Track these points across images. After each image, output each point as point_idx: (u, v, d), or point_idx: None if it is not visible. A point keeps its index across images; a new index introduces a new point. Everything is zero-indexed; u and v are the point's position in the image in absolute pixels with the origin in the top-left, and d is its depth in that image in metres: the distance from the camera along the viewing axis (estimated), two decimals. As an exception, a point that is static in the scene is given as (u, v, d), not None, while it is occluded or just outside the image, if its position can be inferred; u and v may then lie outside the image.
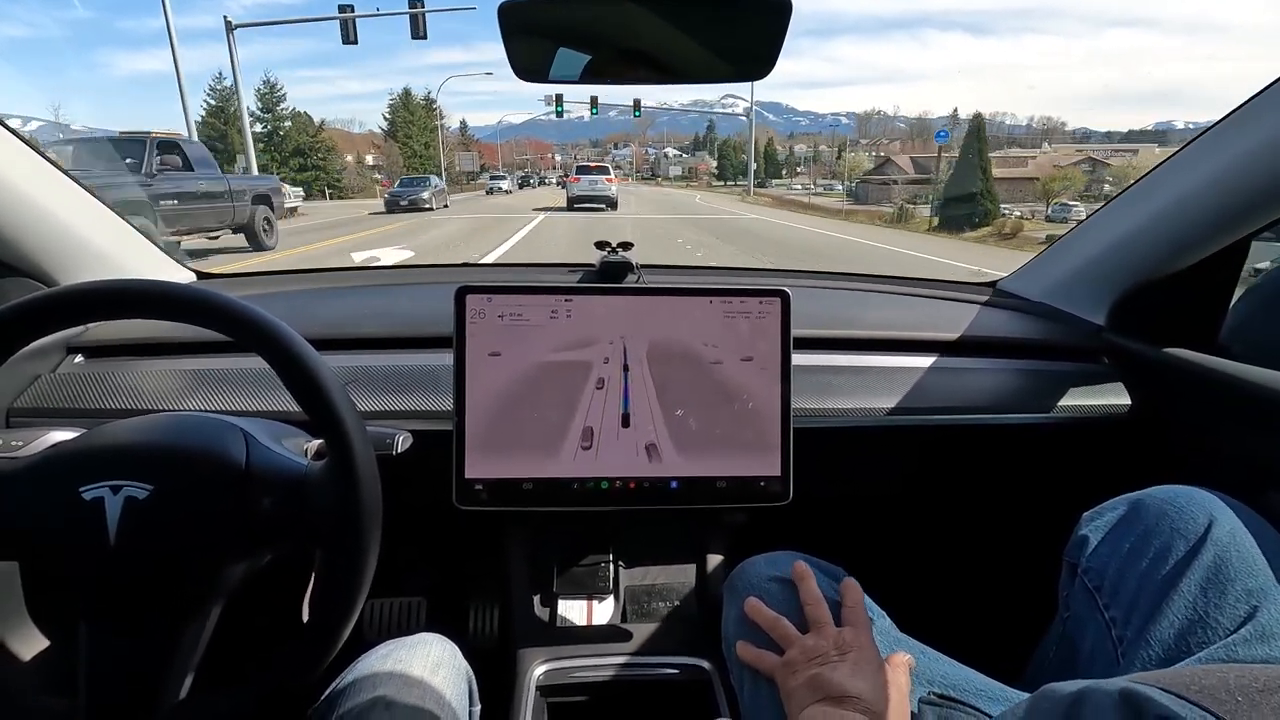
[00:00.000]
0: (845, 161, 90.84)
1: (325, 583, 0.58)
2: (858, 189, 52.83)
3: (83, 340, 0.96)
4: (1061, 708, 0.43)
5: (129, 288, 0.53)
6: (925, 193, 35.39)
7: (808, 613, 0.66)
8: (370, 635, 1.14)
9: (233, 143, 36.64)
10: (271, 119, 45.39)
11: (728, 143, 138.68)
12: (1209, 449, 0.91)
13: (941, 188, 27.29)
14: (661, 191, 61.80)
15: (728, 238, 14.77)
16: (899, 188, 42.12)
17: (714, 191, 77.33)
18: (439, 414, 0.86)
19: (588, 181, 22.79)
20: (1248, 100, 0.77)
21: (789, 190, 74.71)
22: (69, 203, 0.93)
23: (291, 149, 45.05)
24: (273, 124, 45.39)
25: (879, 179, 51.93)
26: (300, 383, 0.54)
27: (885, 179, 50.31)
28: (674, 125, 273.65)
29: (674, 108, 77.04)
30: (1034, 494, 1.10)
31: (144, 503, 0.52)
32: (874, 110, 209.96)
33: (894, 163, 57.96)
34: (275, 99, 45.60)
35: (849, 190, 55.96)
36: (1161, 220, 0.91)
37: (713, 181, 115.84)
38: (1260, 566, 0.58)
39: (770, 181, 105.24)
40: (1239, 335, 0.96)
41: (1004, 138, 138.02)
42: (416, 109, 62.65)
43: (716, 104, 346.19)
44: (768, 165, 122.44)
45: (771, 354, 0.82)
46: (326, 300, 1.20)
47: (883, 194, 44.29)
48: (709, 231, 16.38)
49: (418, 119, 61.84)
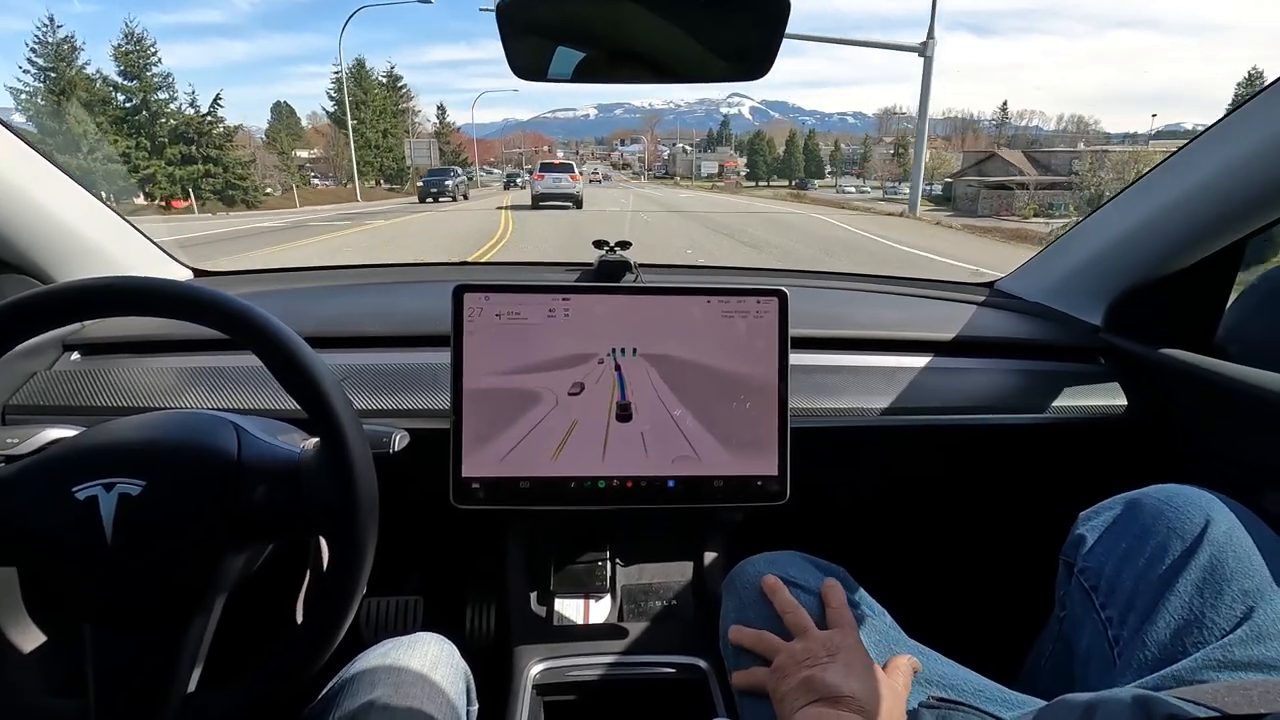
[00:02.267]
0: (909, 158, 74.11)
1: (321, 579, 0.58)
2: (956, 193, 41.43)
3: (79, 337, 0.95)
4: (1076, 713, 0.44)
5: (126, 285, 0.53)
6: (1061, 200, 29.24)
7: (787, 621, 0.66)
8: (367, 634, 1.14)
9: (72, 124, 25.97)
10: (139, 88, 30.27)
11: (760, 136, 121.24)
12: (1205, 449, 0.91)
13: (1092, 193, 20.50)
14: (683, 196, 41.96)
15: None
16: (1029, 193, 33.39)
17: (749, 194, 61.82)
18: (436, 413, 0.86)
19: (552, 179, 21.89)
20: (1243, 103, 0.77)
21: (840, 192, 67.24)
22: (65, 199, 0.92)
23: (170, 132, 30.36)
24: (140, 95, 30.29)
25: (991, 181, 37.97)
26: (295, 379, 0.54)
27: (1004, 180, 37.23)
28: (680, 122, 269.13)
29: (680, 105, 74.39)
30: (1031, 494, 1.10)
31: (138, 499, 0.52)
32: (894, 107, 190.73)
33: (1001, 158, 41.08)
34: (143, 62, 30.44)
35: (937, 196, 46.17)
36: (1158, 222, 0.91)
37: (742, 181, 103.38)
38: (1257, 567, 0.58)
39: (812, 183, 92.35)
40: (1235, 336, 0.96)
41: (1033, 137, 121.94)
42: (373, 87, 46.73)
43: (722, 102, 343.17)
44: (807, 163, 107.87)
45: (769, 354, 0.82)
46: (324, 298, 1.20)
47: (1000, 202, 35.10)
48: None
49: (374, 101, 46.24)
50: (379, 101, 47.10)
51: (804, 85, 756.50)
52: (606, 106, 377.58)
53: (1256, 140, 0.75)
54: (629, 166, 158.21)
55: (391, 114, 48.30)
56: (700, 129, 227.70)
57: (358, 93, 45.65)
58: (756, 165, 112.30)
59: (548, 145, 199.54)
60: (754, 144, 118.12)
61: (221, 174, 31.07)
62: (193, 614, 0.54)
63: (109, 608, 0.53)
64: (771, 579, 0.70)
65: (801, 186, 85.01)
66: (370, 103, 46.23)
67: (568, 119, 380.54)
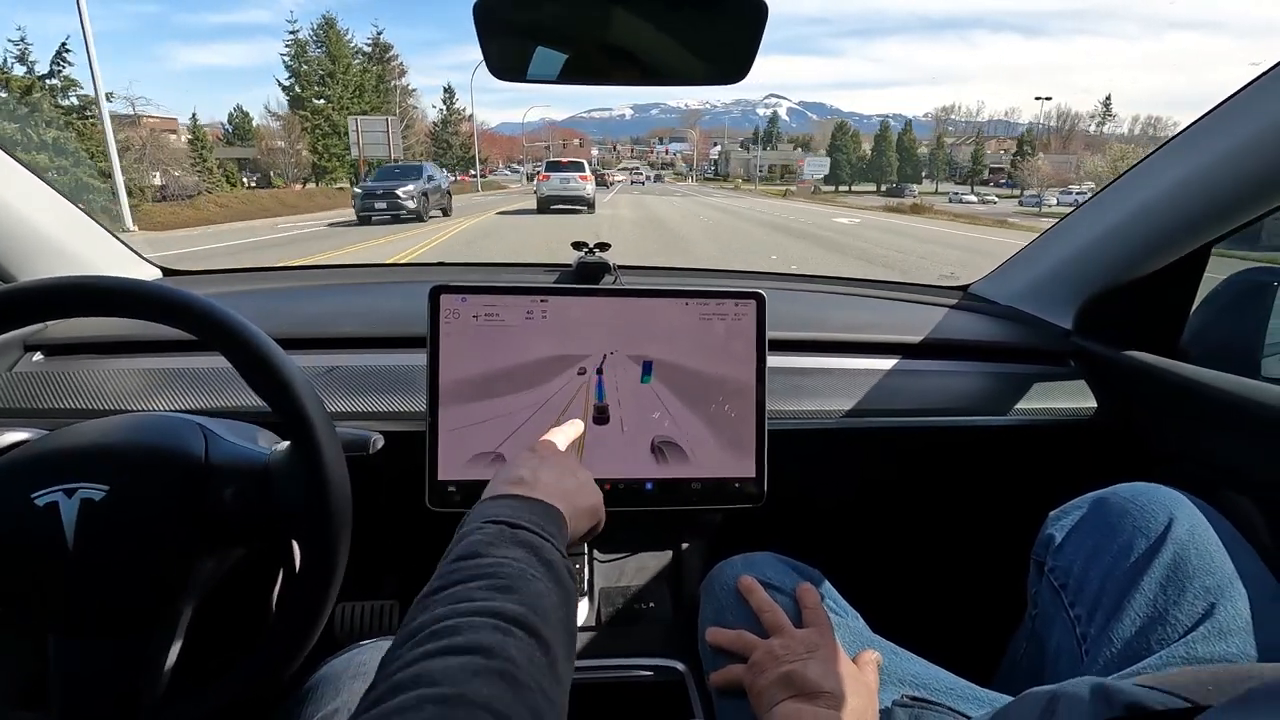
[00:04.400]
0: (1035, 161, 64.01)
1: (293, 584, 0.57)
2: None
3: (42, 338, 0.93)
4: (1039, 706, 0.45)
5: (91, 284, 0.52)
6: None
7: (764, 620, 0.66)
8: (342, 638, 1.12)
9: None
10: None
11: (844, 129, 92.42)
12: (1171, 450, 0.93)
13: None
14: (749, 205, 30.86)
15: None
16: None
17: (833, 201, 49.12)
18: (412, 415, 0.85)
19: (559, 179, 18.57)
20: (1209, 111, 0.79)
21: (958, 202, 51.30)
22: (29, 196, 0.90)
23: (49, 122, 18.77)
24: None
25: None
26: (265, 381, 0.53)
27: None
28: (716, 123, 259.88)
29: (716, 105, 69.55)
30: (1003, 494, 1.12)
31: (101, 504, 0.51)
32: (952, 106, 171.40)
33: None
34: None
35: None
36: (1126, 227, 0.93)
37: (820, 185, 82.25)
38: (1219, 564, 0.60)
39: (910, 188, 71.33)
40: (1199, 340, 0.99)
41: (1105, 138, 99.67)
42: (345, 56, 34.80)
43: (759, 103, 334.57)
44: (902, 164, 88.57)
45: (747, 356, 0.82)
46: (297, 299, 1.18)
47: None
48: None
49: (348, 74, 34.69)
50: (355, 75, 35.28)
51: (841, 86, 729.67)
52: (642, 106, 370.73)
53: (1219, 149, 0.78)
54: (670, 166, 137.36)
55: (375, 91, 37.54)
56: (735, 129, 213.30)
57: (324, 63, 34.32)
58: (839, 166, 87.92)
59: (579, 140, 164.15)
60: (836, 140, 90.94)
61: (71, 169, 18.25)
62: (160, 621, 0.53)
63: (73, 616, 0.52)
64: (748, 579, 0.71)
65: (896, 192, 67.08)
66: (342, 75, 34.28)
67: (604, 118, 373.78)
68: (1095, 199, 1.01)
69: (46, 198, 0.93)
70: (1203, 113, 0.80)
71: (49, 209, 0.94)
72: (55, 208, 0.95)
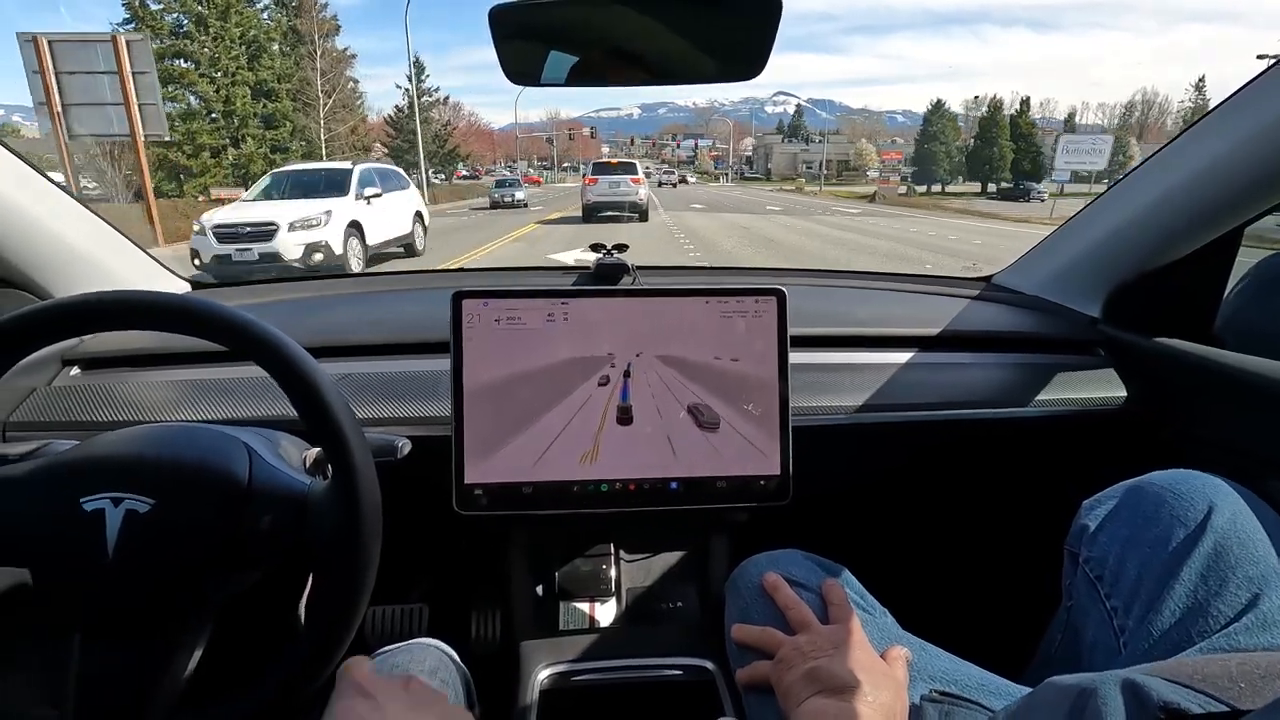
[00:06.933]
0: None
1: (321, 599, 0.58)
2: None
3: (78, 352, 0.95)
4: (1067, 701, 0.43)
5: (126, 299, 0.53)
6: None
7: (789, 617, 0.66)
8: (373, 643, 1.14)
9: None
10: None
11: (941, 111, 67.28)
12: (1205, 438, 0.91)
13: None
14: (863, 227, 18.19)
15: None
16: None
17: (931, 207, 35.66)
18: (437, 420, 0.86)
19: (607, 184, 15.58)
20: (1236, 92, 0.77)
21: None
22: (60, 213, 0.92)
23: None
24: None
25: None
26: (299, 391, 0.54)
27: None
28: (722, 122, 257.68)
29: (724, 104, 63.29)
30: (1032, 487, 1.10)
31: (144, 517, 0.52)
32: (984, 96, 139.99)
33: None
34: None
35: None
36: (1154, 212, 0.92)
37: (912, 185, 63.28)
38: (1262, 553, 0.58)
39: (1036, 188, 44.99)
40: (1233, 325, 0.96)
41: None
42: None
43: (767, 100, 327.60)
44: (1018, 158, 58.22)
45: (769, 353, 0.82)
46: (322, 308, 1.20)
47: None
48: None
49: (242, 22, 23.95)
50: (248, 22, 23.92)
51: (850, 84, 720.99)
52: (649, 106, 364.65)
53: (1247, 129, 0.76)
54: (689, 163, 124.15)
55: (285, 55, 26.09)
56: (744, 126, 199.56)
57: (193, 6, 22.71)
58: (932, 159, 66.13)
59: (590, 130, 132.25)
60: (931, 125, 67.66)
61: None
62: (181, 634, 0.54)
63: (98, 621, 0.53)
64: (773, 577, 0.70)
65: (1014, 194, 46.92)
66: (219, 26, 22.90)
67: (612, 118, 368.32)
68: (1121, 184, 0.99)
69: (78, 214, 0.95)
70: (1231, 92, 0.78)
71: (81, 226, 0.96)
72: (86, 224, 0.97)
